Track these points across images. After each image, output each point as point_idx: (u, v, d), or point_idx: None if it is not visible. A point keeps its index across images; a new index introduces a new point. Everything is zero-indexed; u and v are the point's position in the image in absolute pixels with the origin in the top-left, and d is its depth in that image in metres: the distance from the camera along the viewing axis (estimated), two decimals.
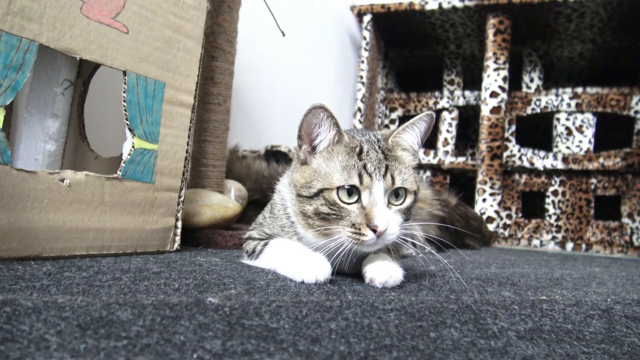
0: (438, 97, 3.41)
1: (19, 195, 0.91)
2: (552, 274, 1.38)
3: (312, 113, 0.91)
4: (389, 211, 0.90)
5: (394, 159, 0.94)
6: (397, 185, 0.91)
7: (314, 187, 0.92)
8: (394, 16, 3.31)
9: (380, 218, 0.86)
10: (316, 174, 0.93)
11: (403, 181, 0.92)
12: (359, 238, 0.87)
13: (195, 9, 1.26)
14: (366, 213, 0.87)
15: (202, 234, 1.45)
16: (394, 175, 0.91)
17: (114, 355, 0.44)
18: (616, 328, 0.72)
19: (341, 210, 0.89)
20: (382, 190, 0.89)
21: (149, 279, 0.82)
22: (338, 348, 0.51)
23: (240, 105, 2.31)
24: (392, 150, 0.96)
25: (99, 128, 1.50)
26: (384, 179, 0.90)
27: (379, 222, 0.86)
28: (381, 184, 0.89)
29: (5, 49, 0.89)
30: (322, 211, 0.90)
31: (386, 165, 0.91)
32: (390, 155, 0.95)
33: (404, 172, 0.94)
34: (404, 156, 0.98)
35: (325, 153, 0.94)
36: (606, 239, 2.89)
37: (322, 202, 0.90)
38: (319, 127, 0.93)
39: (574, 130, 3.03)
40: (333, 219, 0.89)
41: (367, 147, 0.93)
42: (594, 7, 2.88)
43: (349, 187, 0.89)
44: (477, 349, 0.56)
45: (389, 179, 0.90)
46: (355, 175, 0.89)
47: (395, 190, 0.92)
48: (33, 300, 0.60)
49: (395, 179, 0.91)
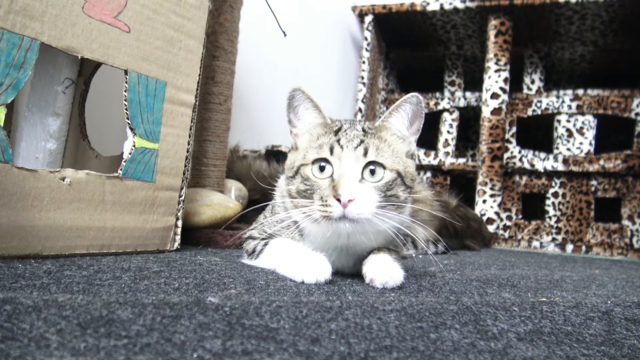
0: (439, 98, 3.41)
1: (19, 193, 0.91)
2: (552, 275, 1.38)
3: (292, 95, 0.97)
4: (361, 185, 0.88)
5: (376, 137, 0.93)
6: (370, 157, 0.89)
7: (294, 165, 0.95)
8: (396, 17, 3.31)
9: (344, 187, 0.85)
10: (299, 153, 0.97)
11: (378, 155, 0.90)
12: (326, 210, 0.86)
13: (197, 9, 1.26)
14: (334, 185, 0.87)
15: (202, 234, 1.45)
16: (367, 148, 0.89)
17: (114, 354, 0.44)
18: (616, 330, 0.72)
19: (313, 185, 0.90)
20: (351, 161, 0.88)
21: (149, 278, 0.82)
22: (338, 348, 0.51)
23: (241, 104, 2.31)
24: (376, 130, 0.95)
25: (100, 127, 1.50)
26: (355, 150, 0.89)
27: (343, 191, 0.84)
28: (351, 153, 0.88)
29: (7, 47, 0.89)
30: (300, 189, 0.92)
31: (361, 140, 0.91)
32: (372, 133, 0.94)
33: (383, 149, 0.91)
34: (389, 137, 0.96)
35: (307, 135, 0.98)
36: (606, 241, 2.89)
37: (300, 179, 0.93)
38: (299, 109, 0.98)
39: (574, 132, 3.03)
40: (309, 195, 0.91)
41: (346, 126, 0.95)
42: (595, 9, 2.88)
43: (321, 159, 0.90)
44: (477, 350, 0.56)
45: (360, 150, 0.89)
46: (327, 148, 0.90)
47: (371, 166, 0.89)
48: (33, 299, 0.60)
49: (368, 151, 0.89)
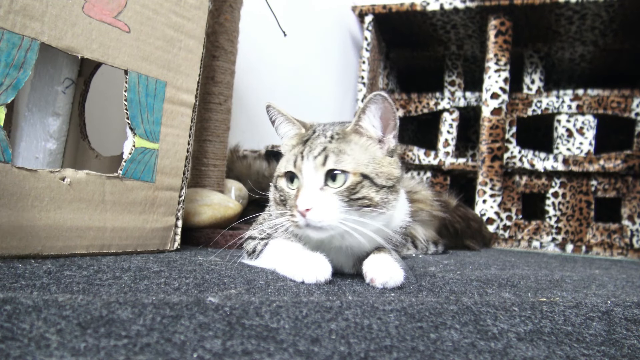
0: (439, 98, 3.41)
1: (19, 193, 0.91)
2: (552, 275, 1.38)
3: (267, 110, 1.02)
4: (321, 193, 0.88)
5: (344, 143, 0.92)
6: (328, 165, 0.89)
7: (275, 176, 0.99)
8: (396, 17, 3.31)
9: (301, 197, 0.87)
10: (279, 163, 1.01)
11: (337, 162, 0.89)
12: (292, 220, 0.89)
13: (197, 9, 1.26)
14: (296, 195, 0.89)
15: (202, 234, 1.45)
16: (328, 155, 0.89)
17: (114, 354, 0.44)
18: (616, 330, 0.72)
19: (285, 195, 0.94)
20: (310, 171, 0.89)
21: (149, 278, 0.82)
22: (338, 348, 0.51)
23: (241, 104, 2.31)
24: (346, 135, 0.95)
25: (100, 127, 1.50)
26: (314, 159, 0.89)
27: (300, 202, 0.87)
28: (310, 163, 0.89)
29: (7, 47, 0.89)
30: (277, 198, 0.97)
31: (324, 147, 0.91)
32: (340, 138, 0.93)
33: (346, 154, 0.90)
34: (360, 140, 0.94)
35: (285, 146, 1.02)
36: (606, 241, 2.89)
37: (277, 189, 0.98)
38: (275, 123, 1.03)
39: (574, 132, 3.03)
40: (284, 204, 0.95)
41: (316, 134, 0.96)
42: (595, 9, 2.88)
43: (288, 172, 0.94)
44: (477, 350, 0.56)
45: (320, 159, 0.89)
46: (292, 160, 0.93)
47: (332, 172, 0.89)
48: (33, 299, 0.60)
49: (328, 159, 0.89)
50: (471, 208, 2.80)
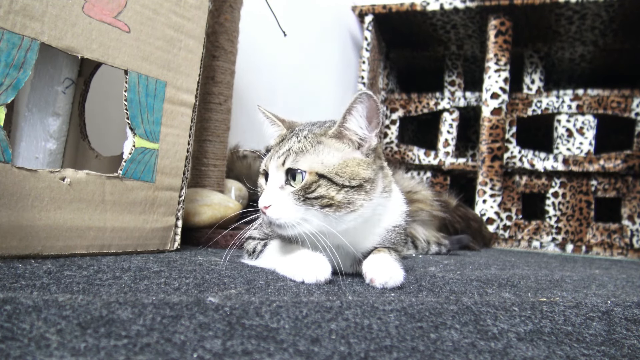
0: (439, 98, 3.41)
1: (19, 193, 0.91)
2: (552, 275, 1.38)
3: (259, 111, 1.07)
4: (280, 191, 0.90)
5: (310, 143, 0.92)
6: (287, 165, 0.90)
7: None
8: (396, 17, 3.31)
9: (262, 196, 0.92)
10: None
11: (294, 162, 0.89)
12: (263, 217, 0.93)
13: (197, 9, 1.26)
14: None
15: (202, 234, 1.45)
16: (289, 155, 0.91)
17: (114, 354, 0.44)
18: (616, 330, 0.72)
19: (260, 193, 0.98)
20: (273, 170, 0.92)
21: (149, 278, 0.82)
22: (338, 348, 0.51)
23: (241, 104, 2.31)
24: (321, 136, 0.93)
25: (100, 127, 1.50)
26: (277, 159, 0.92)
27: (260, 200, 0.91)
28: (274, 163, 0.92)
29: (7, 47, 0.89)
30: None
31: (290, 147, 0.92)
32: (311, 140, 0.93)
33: (308, 153, 0.90)
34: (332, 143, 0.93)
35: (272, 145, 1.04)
36: (606, 241, 2.89)
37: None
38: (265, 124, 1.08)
39: (574, 132, 3.03)
40: None
41: (292, 134, 0.97)
42: (595, 9, 2.88)
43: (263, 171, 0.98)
44: (477, 350, 0.56)
45: (281, 159, 0.91)
46: (265, 161, 0.97)
47: (291, 172, 0.90)
48: (33, 299, 0.60)
49: (287, 159, 0.90)
50: (471, 208, 2.80)
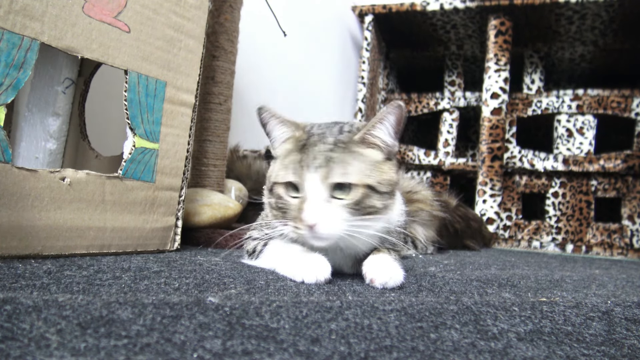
0: (439, 98, 3.41)
1: (19, 193, 0.91)
2: (552, 275, 1.38)
3: (258, 114, 0.96)
4: (328, 205, 0.86)
5: (347, 152, 0.90)
6: (334, 179, 0.86)
7: (270, 181, 0.96)
8: (395, 17, 3.31)
9: (308, 212, 0.85)
10: (272, 168, 0.97)
11: (344, 174, 0.87)
12: (296, 232, 0.88)
13: (197, 9, 1.26)
14: (300, 207, 0.87)
15: (202, 234, 1.45)
16: (333, 168, 0.86)
17: (114, 354, 0.44)
18: (616, 330, 0.72)
19: (285, 204, 0.91)
20: (316, 183, 0.86)
21: (149, 278, 0.82)
22: (338, 348, 0.51)
23: (241, 104, 2.31)
24: (351, 143, 0.91)
25: (100, 127, 1.50)
26: (319, 170, 0.86)
27: (306, 216, 0.85)
28: (316, 176, 0.86)
29: (7, 47, 0.89)
30: (274, 205, 0.94)
31: (327, 157, 0.87)
32: (344, 147, 0.90)
33: (352, 165, 0.88)
34: (365, 151, 0.92)
35: (279, 149, 0.98)
36: (606, 241, 2.89)
37: (275, 196, 0.93)
38: (267, 127, 0.98)
39: (574, 132, 3.03)
40: (283, 212, 0.92)
41: (314, 140, 0.91)
42: (595, 9, 2.88)
43: (289, 182, 0.90)
44: (477, 350, 0.56)
45: (324, 171, 0.86)
46: (292, 169, 0.90)
47: (338, 183, 0.87)
48: (33, 299, 0.60)
49: (333, 171, 0.86)
50: (471, 208, 2.80)
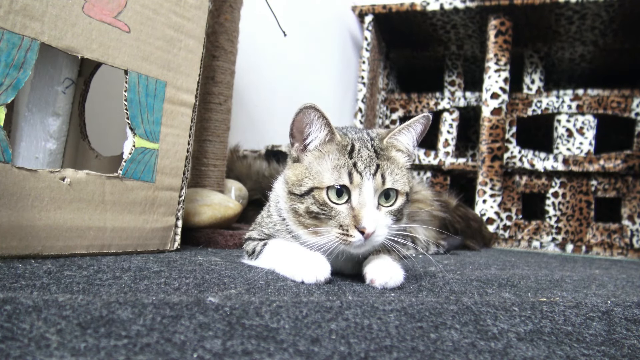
0: (439, 98, 3.41)
1: (19, 193, 0.91)
2: (552, 275, 1.38)
3: (303, 112, 0.90)
4: (378, 212, 0.89)
5: (386, 159, 0.92)
6: (387, 185, 0.89)
7: (304, 185, 0.91)
8: (395, 17, 3.31)
9: (368, 220, 0.85)
10: (307, 172, 0.92)
11: (394, 182, 0.90)
12: (346, 239, 0.86)
13: (197, 9, 1.26)
14: (355, 214, 0.86)
15: (202, 234, 1.45)
16: (384, 175, 0.89)
17: (114, 354, 0.44)
18: (616, 330, 0.72)
19: (331, 210, 0.88)
20: (371, 190, 0.88)
21: (149, 278, 0.82)
22: (338, 348, 0.51)
23: (241, 104, 2.31)
24: (386, 150, 0.95)
25: (100, 127, 1.50)
26: (374, 178, 0.88)
27: (367, 224, 0.85)
28: (371, 183, 0.88)
29: (7, 47, 0.89)
30: (312, 210, 0.90)
31: (377, 165, 0.89)
32: (383, 154, 0.93)
33: (396, 173, 0.92)
34: (398, 157, 0.96)
35: (316, 151, 0.93)
36: (606, 241, 2.89)
37: (312, 201, 0.89)
38: (310, 127, 0.92)
39: (574, 132, 3.03)
40: (323, 219, 0.89)
41: (358, 145, 0.92)
42: (595, 9, 2.88)
43: (339, 187, 0.88)
44: (477, 350, 0.56)
45: (379, 178, 0.89)
46: (345, 174, 0.88)
47: (386, 191, 0.90)
48: (33, 299, 0.60)
49: (385, 179, 0.89)
50: (471, 208, 2.80)
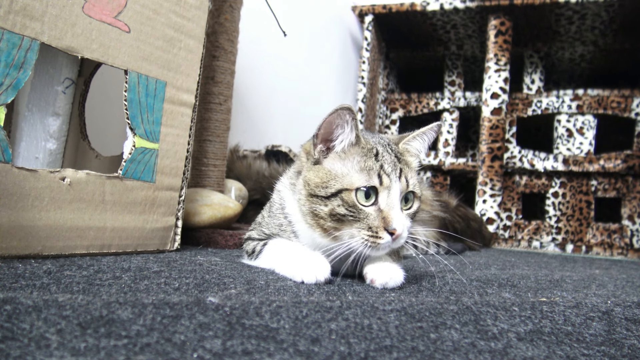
0: (439, 98, 3.41)
1: (19, 193, 0.91)
2: (552, 275, 1.38)
3: (338, 114, 0.89)
4: (403, 214, 0.91)
5: (405, 163, 0.96)
6: (410, 188, 0.93)
7: (331, 187, 0.89)
8: (396, 17, 3.31)
9: (397, 221, 0.87)
10: (332, 174, 0.90)
11: (414, 185, 0.94)
12: (375, 241, 0.86)
13: (197, 9, 1.26)
14: (384, 216, 0.87)
15: (202, 234, 1.45)
16: (407, 178, 0.93)
17: (114, 354, 0.44)
18: (616, 330, 0.72)
19: (359, 212, 0.87)
20: (398, 192, 0.90)
21: (149, 278, 0.82)
22: (338, 348, 0.51)
23: (241, 104, 2.31)
24: (403, 154, 0.98)
25: (100, 127, 1.50)
26: (399, 180, 0.91)
27: (397, 225, 0.86)
28: (398, 185, 0.90)
29: (7, 47, 0.89)
30: (338, 212, 0.88)
31: (400, 168, 0.92)
32: (402, 159, 0.97)
33: (414, 177, 0.96)
34: (412, 162, 1.00)
35: (341, 153, 0.92)
36: (606, 241, 2.89)
37: (340, 203, 0.88)
38: (340, 128, 0.91)
39: (574, 132, 3.03)
40: (349, 221, 0.88)
41: (381, 149, 0.94)
42: (595, 9, 2.88)
43: (367, 189, 0.87)
44: (477, 350, 0.56)
45: (404, 181, 0.92)
46: (375, 176, 0.88)
47: (406, 194, 0.93)
48: (33, 299, 0.60)
49: (409, 182, 0.93)
50: (471, 208, 2.80)
